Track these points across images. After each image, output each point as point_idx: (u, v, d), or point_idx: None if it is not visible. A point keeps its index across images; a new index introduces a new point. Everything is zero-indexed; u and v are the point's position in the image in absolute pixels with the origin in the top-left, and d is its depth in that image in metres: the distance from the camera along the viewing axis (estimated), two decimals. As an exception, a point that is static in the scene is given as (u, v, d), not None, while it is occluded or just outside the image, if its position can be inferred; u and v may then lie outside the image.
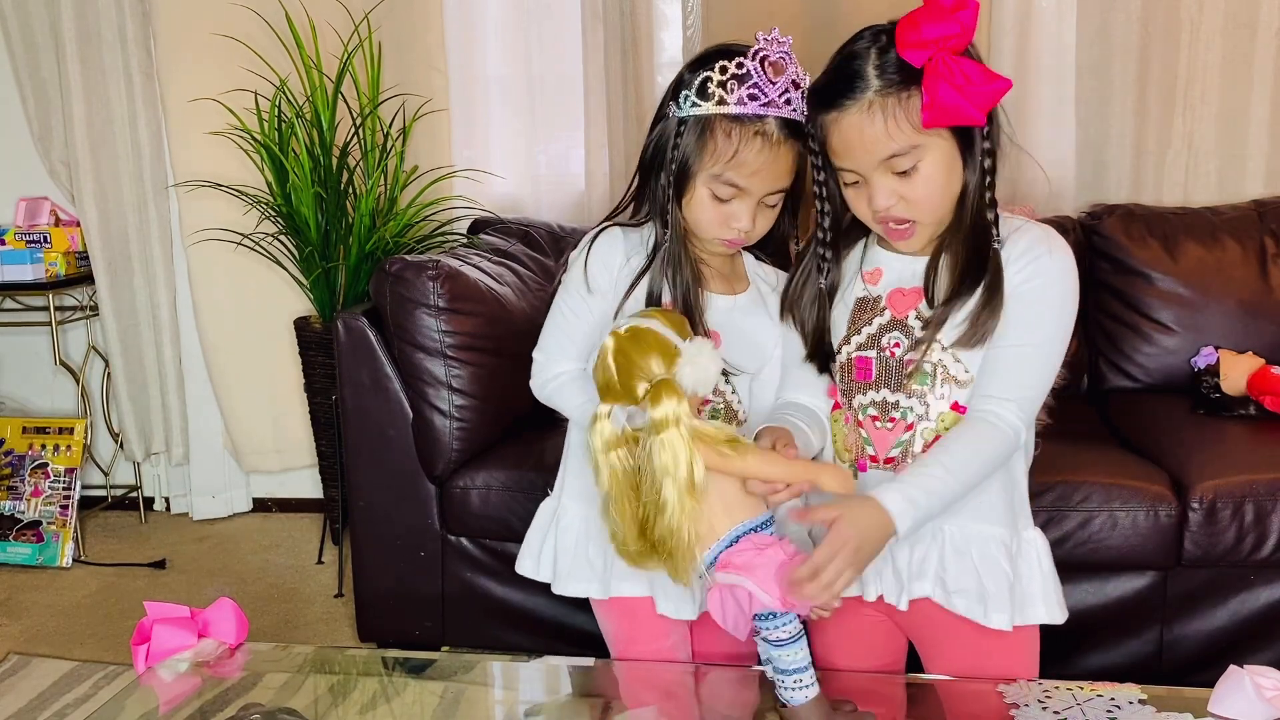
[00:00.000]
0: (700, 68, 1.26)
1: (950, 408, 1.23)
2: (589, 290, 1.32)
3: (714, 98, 1.23)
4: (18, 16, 2.94)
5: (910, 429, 1.24)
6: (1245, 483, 1.82)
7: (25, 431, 2.99)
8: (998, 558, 1.24)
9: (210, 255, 2.90)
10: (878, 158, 1.17)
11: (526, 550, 1.43)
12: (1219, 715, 1.11)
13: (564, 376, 1.33)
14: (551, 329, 1.36)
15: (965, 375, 1.23)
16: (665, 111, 1.30)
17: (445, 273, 2.02)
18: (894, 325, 1.25)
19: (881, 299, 1.26)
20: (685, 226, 1.29)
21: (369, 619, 2.17)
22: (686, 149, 1.25)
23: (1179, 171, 2.60)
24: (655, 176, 1.31)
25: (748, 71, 1.23)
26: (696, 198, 1.27)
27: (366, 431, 2.08)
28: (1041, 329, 1.21)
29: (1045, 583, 1.27)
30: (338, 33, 2.73)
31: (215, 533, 3.06)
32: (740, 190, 1.25)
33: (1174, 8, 2.53)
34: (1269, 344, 2.26)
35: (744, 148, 1.23)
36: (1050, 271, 1.21)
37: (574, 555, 1.36)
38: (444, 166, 2.86)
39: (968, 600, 1.23)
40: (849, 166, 1.20)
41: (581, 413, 1.29)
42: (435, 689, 1.41)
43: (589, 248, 1.33)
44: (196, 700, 1.29)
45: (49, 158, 3.02)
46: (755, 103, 1.23)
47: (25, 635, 2.43)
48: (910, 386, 1.23)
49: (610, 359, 1.13)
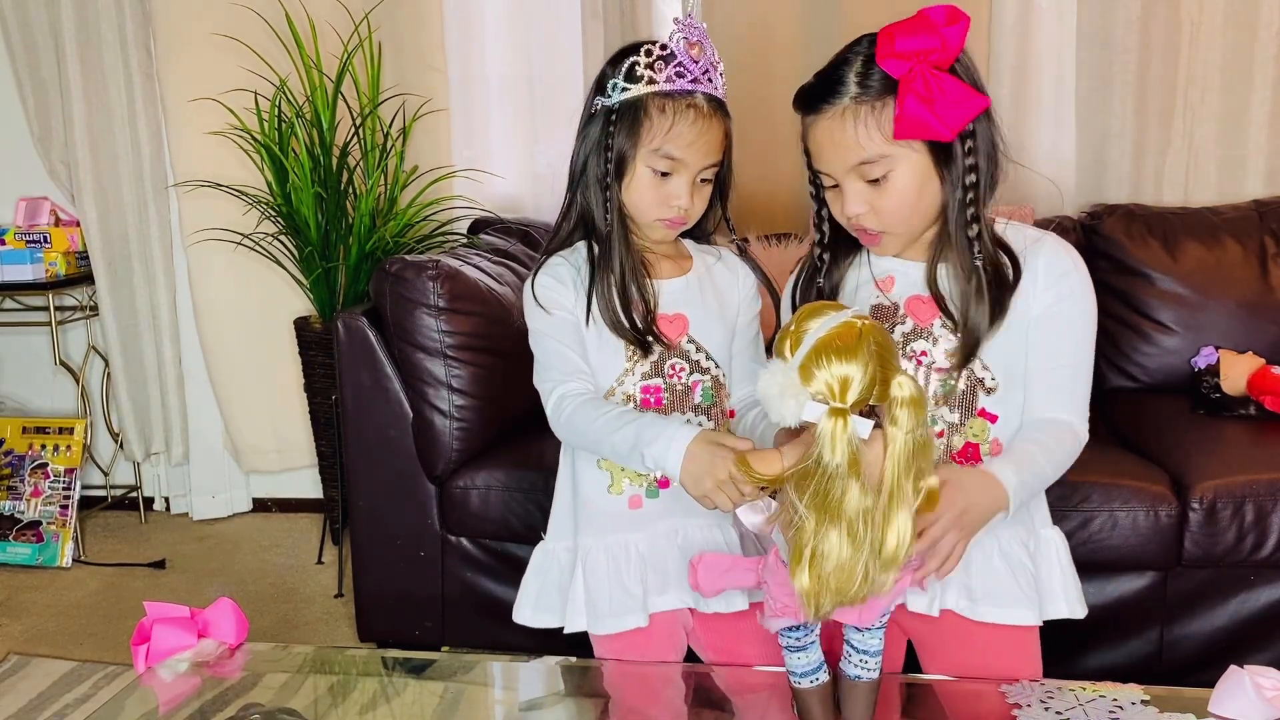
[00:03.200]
0: (621, 60, 1.30)
1: (978, 414, 1.25)
2: (547, 310, 1.31)
3: (643, 79, 1.27)
4: (18, 16, 2.94)
5: (941, 435, 1.25)
6: (1245, 483, 1.82)
7: (25, 431, 2.99)
8: (1020, 556, 1.27)
9: (210, 255, 2.90)
10: (848, 163, 1.20)
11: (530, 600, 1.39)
12: (1219, 715, 1.11)
13: (580, 398, 1.29)
14: (543, 363, 1.34)
15: (993, 382, 1.25)
16: (593, 110, 1.32)
17: (445, 273, 2.02)
18: (919, 334, 1.26)
19: (900, 306, 1.27)
20: (626, 212, 1.31)
21: (369, 619, 2.17)
22: (623, 133, 1.28)
23: (1179, 171, 2.60)
24: (590, 177, 1.32)
25: (671, 52, 1.28)
26: (637, 179, 1.29)
27: (366, 431, 2.08)
28: (1083, 342, 1.27)
29: (1065, 578, 1.30)
30: (338, 33, 2.73)
31: (215, 533, 3.06)
32: (678, 162, 1.28)
33: (1174, 8, 2.53)
34: (1269, 344, 2.26)
35: (679, 120, 1.27)
36: (1079, 288, 1.27)
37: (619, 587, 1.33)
38: (444, 166, 2.86)
39: (995, 605, 1.25)
40: (823, 170, 1.24)
41: (605, 421, 1.24)
42: (435, 689, 1.41)
43: (533, 280, 1.33)
44: (196, 700, 1.29)
45: (49, 158, 3.02)
46: (683, 79, 1.28)
47: (25, 635, 2.43)
48: (939, 395, 1.25)
49: (872, 355, 0.98)
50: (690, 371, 1.33)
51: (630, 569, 1.32)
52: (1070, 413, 1.25)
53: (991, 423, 1.25)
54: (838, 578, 0.98)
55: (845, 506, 0.97)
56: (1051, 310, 1.25)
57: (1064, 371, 1.26)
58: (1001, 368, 1.25)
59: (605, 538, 1.33)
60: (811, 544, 0.98)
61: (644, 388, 1.32)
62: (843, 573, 0.98)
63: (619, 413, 1.24)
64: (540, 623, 1.37)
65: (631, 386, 1.32)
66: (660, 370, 1.32)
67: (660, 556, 1.33)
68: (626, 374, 1.32)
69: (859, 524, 0.97)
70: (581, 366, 1.32)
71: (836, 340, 0.98)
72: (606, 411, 1.25)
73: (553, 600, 1.36)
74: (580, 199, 1.34)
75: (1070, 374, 1.26)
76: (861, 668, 1.11)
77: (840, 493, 0.97)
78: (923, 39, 1.14)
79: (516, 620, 1.39)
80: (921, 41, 1.14)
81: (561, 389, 1.31)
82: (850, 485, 0.97)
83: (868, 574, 0.99)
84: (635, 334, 1.29)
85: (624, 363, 1.32)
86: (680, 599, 1.32)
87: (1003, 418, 1.25)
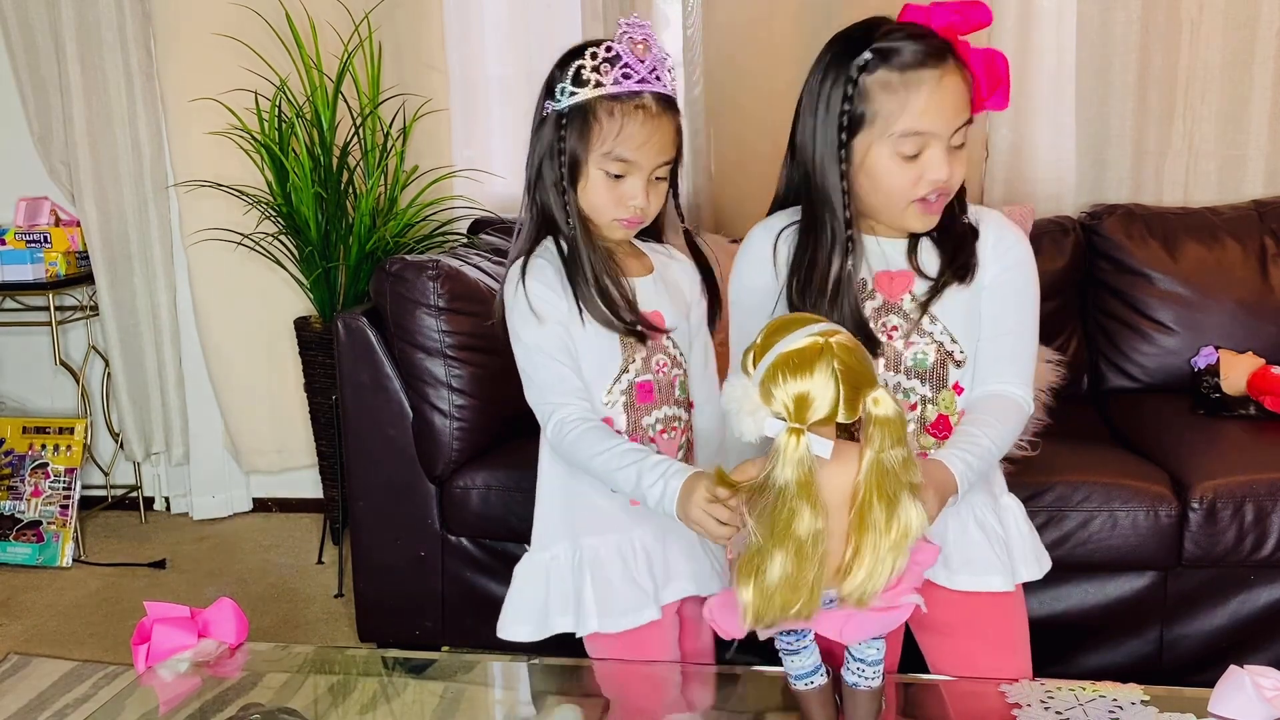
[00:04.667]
0: (568, 63, 1.29)
1: (951, 388, 1.27)
2: (542, 320, 1.30)
3: (590, 83, 1.27)
4: (18, 16, 2.94)
5: (914, 409, 1.26)
6: (1245, 483, 1.82)
7: (25, 431, 2.99)
8: (992, 523, 1.30)
9: (210, 255, 2.90)
10: (956, 123, 1.19)
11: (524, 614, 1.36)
12: (1219, 715, 1.11)
13: (581, 425, 1.28)
14: (538, 382, 1.32)
15: (962, 355, 1.27)
16: (543, 114, 1.32)
17: (445, 273, 2.02)
18: (888, 309, 1.26)
19: (868, 282, 1.27)
20: (584, 215, 1.32)
21: (369, 619, 2.17)
22: (574, 138, 1.28)
23: (1179, 171, 2.60)
24: (546, 180, 1.32)
25: (617, 54, 1.28)
26: (591, 182, 1.29)
27: (366, 431, 2.08)
28: (1029, 311, 1.29)
29: (1025, 542, 1.33)
30: (338, 33, 2.73)
31: (215, 533, 3.06)
32: (630, 164, 1.28)
33: (1174, 8, 2.53)
34: (1269, 344, 2.26)
35: (628, 123, 1.27)
36: (1024, 258, 1.29)
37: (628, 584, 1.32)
38: (444, 166, 2.86)
39: (971, 574, 1.27)
40: (931, 130, 1.18)
41: (607, 458, 1.24)
42: (435, 689, 1.41)
43: (522, 287, 1.31)
44: (196, 700, 1.29)
45: (49, 158, 3.02)
46: (630, 80, 1.27)
47: (25, 635, 2.43)
48: (910, 368, 1.26)
49: (834, 374, 0.96)
50: (671, 366, 1.35)
51: (639, 564, 1.32)
52: (1013, 383, 1.27)
53: (959, 395, 1.27)
54: (781, 594, 0.98)
55: (794, 528, 0.96)
56: (999, 279, 1.27)
57: (1008, 340, 1.27)
58: (968, 340, 1.27)
59: (608, 536, 1.33)
60: (756, 561, 0.98)
61: (639, 384, 1.32)
62: (786, 590, 0.98)
63: (622, 451, 1.24)
64: (542, 635, 1.34)
65: (627, 384, 1.32)
66: (650, 366, 1.33)
67: (662, 549, 1.33)
68: (624, 371, 1.32)
69: (807, 546, 0.97)
70: (577, 385, 1.31)
71: (795, 358, 0.97)
72: (610, 447, 1.25)
73: (559, 607, 1.33)
74: (539, 200, 1.34)
75: (1013, 342, 1.28)
76: (860, 676, 1.11)
77: (789, 514, 0.96)
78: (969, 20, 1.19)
79: (510, 638, 1.35)
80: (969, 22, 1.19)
81: (561, 414, 1.30)
82: (801, 507, 0.96)
83: (813, 593, 0.98)
84: (628, 325, 1.30)
85: (621, 360, 1.32)
86: (683, 588, 1.33)
87: (967, 389, 1.28)
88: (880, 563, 0.99)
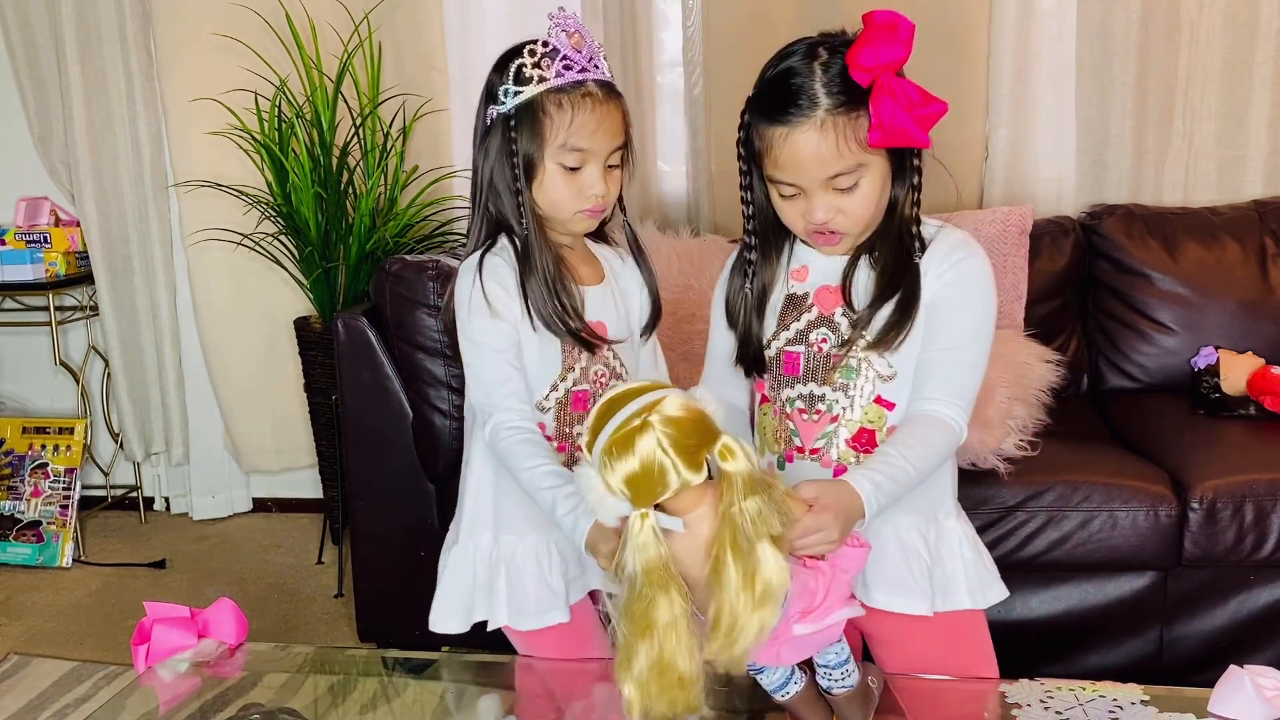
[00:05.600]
0: (506, 65, 1.30)
1: (874, 401, 1.26)
2: (497, 315, 1.30)
3: (533, 79, 1.28)
4: (18, 16, 2.95)
5: (835, 420, 1.26)
6: (1245, 483, 1.83)
7: (25, 431, 2.99)
8: (916, 546, 1.27)
9: (210, 255, 2.90)
10: (824, 175, 1.18)
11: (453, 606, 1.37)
12: (1219, 715, 1.11)
13: (517, 434, 1.29)
14: (482, 380, 1.31)
15: (889, 370, 1.25)
16: (489, 121, 1.31)
17: (445, 273, 2.02)
18: (821, 321, 1.27)
19: (809, 296, 1.29)
20: (542, 215, 1.31)
21: (369, 619, 2.17)
22: (525, 136, 1.28)
23: (1179, 171, 2.60)
24: (498, 186, 1.31)
25: (554, 48, 1.29)
26: (548, 178, 1.29)
27: (366, 431, 2.08)
28: (969, 329, 1.24)
29: (967, 570, 1.28)
30: (338, 33, 2.73)
31: (215, 533, 3.06)
32: (585, 152, 1.28)
33: (1174, 8, 2.53)
34: (1269, 344, 2.26)
35: (577, 112, 1.27)
36: (972, 274, 1.25)
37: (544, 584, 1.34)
38: (444, 166, 2.86)
39: (887, 594, 1.26)
40: (791, 181, 1.20)
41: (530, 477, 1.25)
42: (435, 689, 1.41)
43: (479, 283, 1.30)
44: (196, 700, 1.29)
45: (49, 158, 3.02)
46: (571, 71, 1.28)
47: (25, 635, 2.43)
48: (835, 380, 1.26)
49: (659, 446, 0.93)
50: (609, 377, 1.35)
51: (554, 567, 1.34)
52: (942, 403, 1.22)
53: (889, 410, 1.26)
54: (655, 683, 0.95)
55: (653, 618, 0.94)
56: (942, 293, 1.23)
57: (945, 356, 1.23)
58: (902, 355, 1.24)
59: (528, 536, 1.35)
60: (625, 652, 0.96)
61: (575, 394, 1.33)
62: (656, 676, 0.95)
63: (544, 473, 1.25)
64: (466, 626, 1.36)
65: (564, 392, 1.33)
66: (588, 377, 1.33)
67: (577, 549, 1.31)
68: (561, 380, 1.32)
69: (670, 632, 0.94)
70: (520, 388, 1.31)
71: (618, 443, 0.94)
72: (534, 466, 1.26)
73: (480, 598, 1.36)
74: (491, 209, 1.33)
75: (951, 359, 1.23)
76: (830, 680, 1.11)
77: (645, 603, 0.94)
78: (886, 48, 1.14)
79: (440, 630, 1.37)
80: (893, 51, 1.14)
81: (498, 418, 1.30)
82: (655, 595, 0.93)
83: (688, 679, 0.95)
84: (573, 332, 1.30)
85: (559, 369, 1.32)
86: (592, 582, 1.35)
87: (899, 405, 1.26)
88: (743, 621, 0.94)
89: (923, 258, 1.24)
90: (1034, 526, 1.85)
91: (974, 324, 1.25)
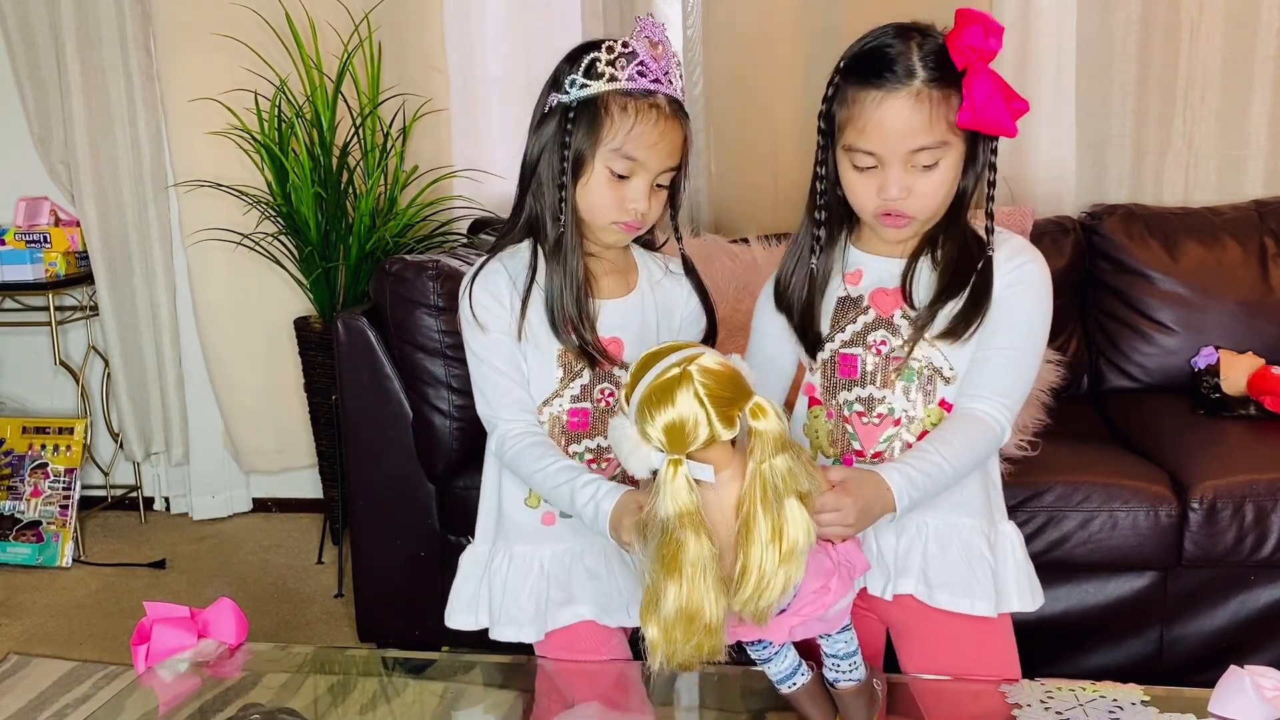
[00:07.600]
0: (580, 57, 1.26)
1: (938, 404, 1.25)
2: (485, 329, 1.29)
3: (604, 76, 1.24)
4: (18, 16, 2.94)
5: (898, 424, 1.25)
6: (1245, 483, 1.83)
7: (25, 431, 2.99)
8: (980, 547, 1.26)
9: (210, 255, 2.90)
10: (908, 147, 1.17)
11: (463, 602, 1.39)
12: (1219, 715, 1.11)
13: (522, 440, 1.29)
14: (483, 391, 1.33)
15: (951, 372, 1.25)
16: (548, 108, 1.28)
17: (445, 273, 2.02)
18: (880, 324, 1.26)
19: (864, 298, 1.27)
20: (580, 217, 1.28)
21: (369, 619, 2.17)
22: (581, 132, 1.25)
23: (1179, 171, 2.60)
24: (543, 176, 1.29)
25: (634, 50, 1.25)
26: (594, 179, 1.26)
27: (366, 431, 2.08)
28: (1024, 331, 1.24)
29: (1019, 573, 1.28)
30: (338, 33, 2.73)
31: (215, 533, 3.06)
32: (638, 163, 1.25)
33: (1174, 8, 2.53)
34: (1269, 344, 2.26)
35: (640, 120, 1.24)
36: (1035, 279, 1.24)
37: (513, 599, 1.34)
38: (444, 166, 2.86)
39: (950, 594, 1.24)
40: (873, 150, 1.18)
41: (543, 477, 1.25)
42: (435, 689, 1.41)
43: (469, 289, 1.31)
44: (196, 700, 1.29)
45: (49, 158, 3.02)
46: (644, 78, 1.24)
47: (25, 635, 2.43)
48: (896, 383, 1.25)
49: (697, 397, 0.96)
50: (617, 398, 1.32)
51: (527, 584, 1.33)
52: (991, 403, 1.22)
53: (948, 412, 1.25)
54: (681, 628, 0.97)
55: (682, 560, 0.96)
56: (1003, 294, 1.23)
57: (998, 355, 1.23)
58: (964, 355, 1.24)
59: (514, 547, 1.34)
60: (652, 595, 0.98)
61: (571, 410, 1.31)
62: (684, 622, 0.97)
63: (556, 469, 1.24)
64: (474, 625, 1.38)
65: (559, 409, 1.31)
66: (589, 394, 1.31)
67: (564, 572, 1.33)
68: (556, 396, 1.31)
69: (698, 574, 0.96)
70: (520, 397, 1.30)
71: (657, 391, 0.97)
72: (544, 466, 1.25)
73: (482, 600, 1.37)
74: (531, 200, 1.31)
75: (1003, 359, 1.23)
76: (837, 671, 1.11)
77: (675, 545, 0.96)
78: (991, 40, 1.16)
79: (451, 625, 1.40)
80: (990, 42, 1.16)
81: (504, 427, 1.30)
82: (685, 537, 0.95)
83: (715, 625, 0.97)
84: (578, 343, 1.28)
85: (555, 384, 1.31)
86: (577, 613, 1.32)
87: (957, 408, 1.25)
88: (769, 576, 0.96)
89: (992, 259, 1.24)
90: (1034, 527, 1.85)
91: (1030, 327, 1.24)
